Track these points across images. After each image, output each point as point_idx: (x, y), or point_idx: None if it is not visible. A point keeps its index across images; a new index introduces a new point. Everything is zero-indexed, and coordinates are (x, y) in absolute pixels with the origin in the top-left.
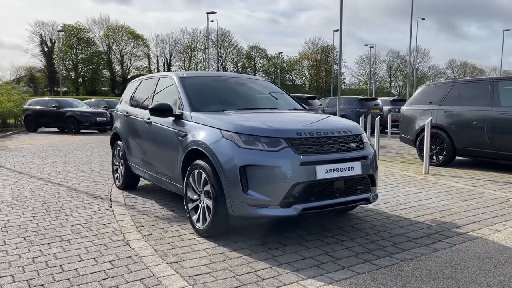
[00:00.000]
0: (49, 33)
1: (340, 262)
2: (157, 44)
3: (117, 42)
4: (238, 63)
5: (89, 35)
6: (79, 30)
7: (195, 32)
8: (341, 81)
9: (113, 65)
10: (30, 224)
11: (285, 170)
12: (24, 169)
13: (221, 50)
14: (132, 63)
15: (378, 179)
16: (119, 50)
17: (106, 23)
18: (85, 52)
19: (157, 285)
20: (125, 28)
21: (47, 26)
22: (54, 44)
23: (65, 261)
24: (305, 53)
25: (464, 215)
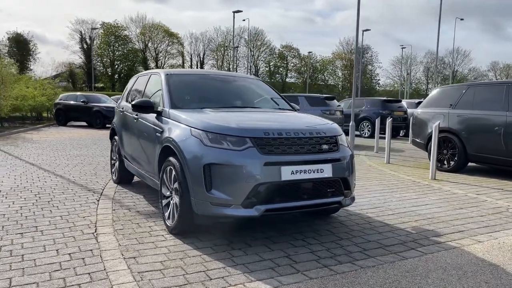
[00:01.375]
0: (89, 31)
1: (297, 266)
2: (191, 43)
3: (153, 40)
4: (270, 62)
5: (126, 33)
6: (117, 28)
7: (228, 31)
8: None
9: (148, 62)
10: (15, 213)
11: (248, 170)
12: (36, 160)
13: (253, 49)
14: (166, 61)
15: (355, 181)
16: (154, 48)
17: (143, 22)
18: (122, 49)
19: (103, 279)
20: (161, 27)
21: (87, 24)
22: (93, 41)
23: (29, 251)
24: (339, 53)
25: (451, 224)
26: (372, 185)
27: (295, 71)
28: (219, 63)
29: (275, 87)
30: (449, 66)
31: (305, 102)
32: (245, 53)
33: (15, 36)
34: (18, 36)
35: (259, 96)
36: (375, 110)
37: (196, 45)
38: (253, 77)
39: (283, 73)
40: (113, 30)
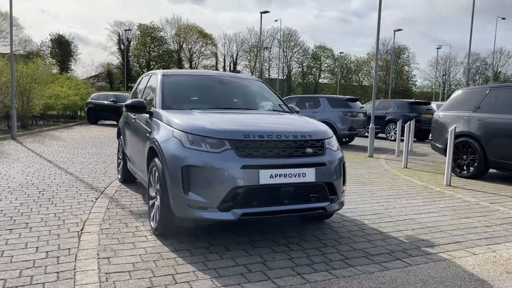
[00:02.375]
0: (127, 32)
1: (270, 273)
2: (224, 44)
3: (187, 41)
4: (303, 63)
5: (161, 34)
6: (153, 30)
7: (262, 32)
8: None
9: (182, 63)
10: (13, 210)
11: (224, 172)
12: (54, 158)
13: (286, 49)
14: (200, 62)
15: (344, 187)
16: (189, 49)
17: (178, 23)
18: (157, 50)
19: (68, 279)
20: (195, 28)
21: (124, 26)
22: (130, 43)
23: (10, 247)
24: (374, 53)
25: (451, 234)
26: (379, 191)
27: (329, 72)
28: (252, 64)
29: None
30: (492, 67)
31: (326, 103)
32: (278, 53)
33: (57, 37)
34: (60, 38)
35: (256, 98)
36: (402, 112)
37: (229, 46)
38: (254, 78)
39: (316, 74)
40: (149, 31)
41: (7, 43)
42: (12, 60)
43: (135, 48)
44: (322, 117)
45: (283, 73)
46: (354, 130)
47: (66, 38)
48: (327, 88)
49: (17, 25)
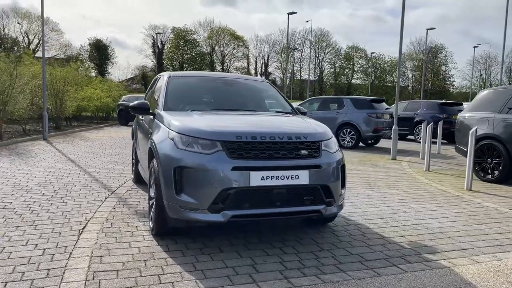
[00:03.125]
0: (160, 36)
1: (256, 276)
2: (256, 45)
3: (219, 43)
4: (335, 64)
5: (194, 37)
6: (186, 33)
7: (293, 33)
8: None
9: (214, 65)
10: (25, 207)
11: (215, 174)
12: (77, 158)
13: (318, 50)
14: (232, 64)
15: (343, 190)
16: (221, 51)
17: (211, 25)
18: (190, 52)
19: (57, 277)
20: (227, 30)
21: (159, 29)
22: (164, 46)
23: (12, 244)
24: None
25: (458, 240)
26: (393, 194)
27: (362, 72)
28: (283, 65)
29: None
30: None
31: (350, 105)
32: (309, 54)
33: (95, 42)
34: (98, 42)
35: (260, 99)
36: (431, 113)
37: (261, 48)
38: (261, 79)
39: (349, 75)
40: (182, 34)
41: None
42: (44, 64)
43: (168, 51)
44: (345, 119)
45: (314, 74)
46: (378, 132)
47: (104, 42)
48: (360, 89)
49: (58, 30)
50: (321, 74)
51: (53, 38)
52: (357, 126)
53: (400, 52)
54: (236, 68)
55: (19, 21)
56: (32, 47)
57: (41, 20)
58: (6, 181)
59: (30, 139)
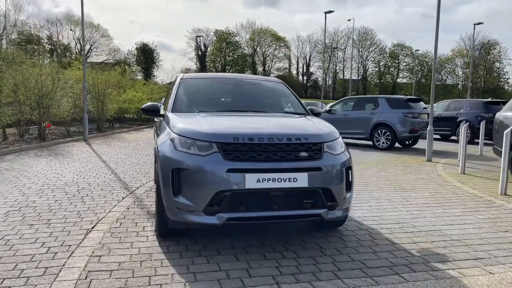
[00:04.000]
0: (203, 39)
1: (247, 280)
2: (297, 46)
3: (261, 44)
4: (380, 62)
5: (236, 39)
6: (228, 35)
7: (336, 32)
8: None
9: (256, 66)
10: (46, 206)
11: (210, 176)
12: (109, 158)
13: (362, 49)
14: (273, 65)
15: (348, 193)
16: (262, 52)
17: (252, 27)
18: (232, 54)
19: (52, 275)
20: (269, 31)
21: (202, 32)
22: (206, 48)
23: (22, 241)
24: (460, 50)
25: (475, 249)
26: (417, 198)
27: (408, 71)
28: (326, 65)
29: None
30: None
31: (385, 104)
32: (352, 53)
33: (141, 46)
34: (144, 46)
35: (270, 100)
36: (475, 113)
37: (302, 48)
38: (274, 79)
39: (394, 73)
40: (224, 36)
41: (99, 53)
42: (84, 68)
43: (211, 54)
44: (380, 119)
45: (358, 74)
46: (415, 132)
47: (150, 46)
48: (406, 88)
49: (108, 36)
50: (364, 73)
51: (103, 43)
52: (392, 126)
53: (435, 48)
54: (277, 68)
55: (71, 28)
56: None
57: (81, 27)
58: (37, 180)
59: (72, 140)
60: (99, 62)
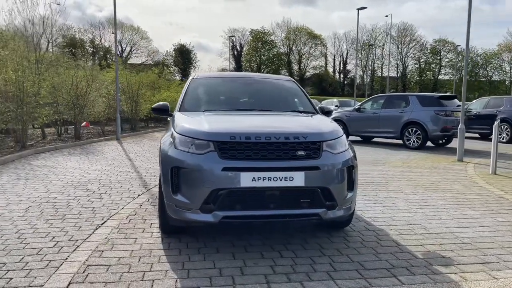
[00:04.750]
0: (239, 38)
1: (239, 279)
2: (334, 43)
3: (296, 43)
4: (420, 59)
5: (272, 38)
6: (263, 34)
7: (374, 29)
8: None
9: (291, 65)
10: (65, 202)
11: (205, 174)
12: (136, 156)
13: (401, 45)
14: (309, 63)
15: (349, 193)
16: (298, 51)
17: (288, 26)
18: (268, 54)
19: (53, 268)
20: (305, 29)
21: (238, 32)
22: (242, 48)
23: (34, 235)
24: (507, 44)
25: (485, 253)
26: (437, 199)
27: (450, 67)
28: (363, 62)
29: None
30: None
31: (416, 102)
32: (390, 50)
33: (179, 47)
34: (181, 47)
35: (278, 98)
36: None
37: (339, 45)
38: (285, 78)
39: (436, 70)
40: (260, 36)
41: (139, 54)
42: (117, 70)
43: (247, 53)
44: (411, 117)
45: (397, 71)
46: (447, 131)
47: (187, 47)
48: (448, 85)
49: (147, 38)
50: (404, 70)
51: (143, 45)
52: (423, 125)
53: (467, 42)
54: (313, 67)
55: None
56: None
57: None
58: (63, 178)
59: (105, 139)
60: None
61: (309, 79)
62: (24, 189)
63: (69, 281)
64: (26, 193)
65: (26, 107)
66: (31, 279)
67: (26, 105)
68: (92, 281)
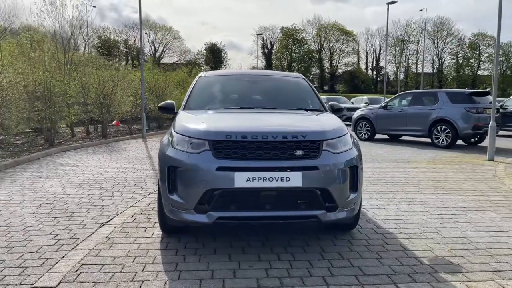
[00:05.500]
0: (270, 36)
1: (229, 282)
2: (367, 40)
3: (328, 40)
4: (458, 54)
5: (302, 35)
6: (294, 31)
7: (408, 24)
8: None
9: (322, 62)
10: (77, 200)
11: (199, 174)
12: (157, 154)
13: (437, 40)
14: (341, 60)
15: (352, 194)
16: (329, 48)
17: (319, 22)
18: (298, 51)
19: (48, 266)
20: (336, 26)
21: (268, 30)
22: (273, 46)
23: (39, 232)
24: None
25: (498, 260)
26: (457, 201)
27: (490, 62)
28: (397, 58)
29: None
30: None
31: (445, 99)
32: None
33: (210, 46)
34: (212, 46)
35: (284, 96)
36: None
37: (371, 42)
38: (295, 75)
39: (474, 65)
40: (290, 33)
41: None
42: (142, 69)
43: (277, 51)
44: (440, 115)
45: (432, 67)
46: (479, 129)
47: (218, 46)
48: (488, 81)
49: (179, 38)
50: (440, 66)
51: (175, 45)
52: (453, 122)
53: (498, 34)
54: (345, 64)
55: (146, 31)
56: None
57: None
58: (81, 175)
59: (131, 137)
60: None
61: (341, 76)
62: (42, 186)
63: (59, 280)
64: (42, 191)
65: (54, 106)
66: (23, 277)
67: (54, 105)
68: (83, 280)
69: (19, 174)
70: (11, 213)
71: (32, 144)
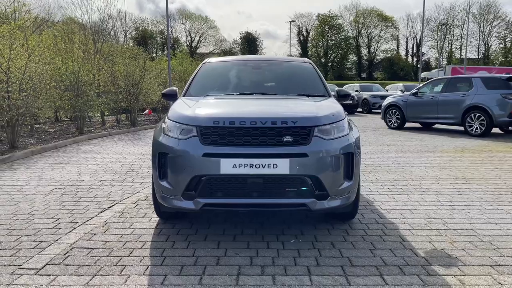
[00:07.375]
0: (305, 24)
1: (210, 269)
2: (407, 25)
3: (366, 26)
4: (506, 38)
5: (339, 22)
6: (331, 18)
7: (452, 7)
8: None
9: (360, 49)
10: (88, 186)
11: (186, 160)
12: None
13: (484, 23)
14: (379, 47)
15: (349, 182)
16: (367, 34)
17: (357, 8)
18: (335, 38)
19: (40, 248)
20: (374, 11)
21: (304, 18)
22: (309, 33)
23: (43, 216)
24: None
25: (502, 254)
26: (475, 191)
27: None
28: (440, 44)
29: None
30: None
31: (480, 85)
32: (472, 30)
33: (245, 35)
34: (248, 35)
35: (287, 82)
36: None
37: (412, 27)
38: (302, 60)
39: None
40: (327, 20)
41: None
42: (169, 59)
43: (313, 38)
44: (473, 101)
45: (478, 52)
46: None
47: (253, 35)
48: None
49: (215, 27)
50: (486, 51)
51: (211, 34)
52: (487, 109)
53: None
54: (383, 50)
55: (183, 21)
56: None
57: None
58: (100, 162)
59: None
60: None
61: (379, 63)
62: (60, 172)
63: (46, 263)
64: (59, 176)
65: (82, 96)
66: (14, 259)
67: (82, 94)
68: (68, 263)
69: (43, 160)
70: (22, 197)
71: (65, 132)
